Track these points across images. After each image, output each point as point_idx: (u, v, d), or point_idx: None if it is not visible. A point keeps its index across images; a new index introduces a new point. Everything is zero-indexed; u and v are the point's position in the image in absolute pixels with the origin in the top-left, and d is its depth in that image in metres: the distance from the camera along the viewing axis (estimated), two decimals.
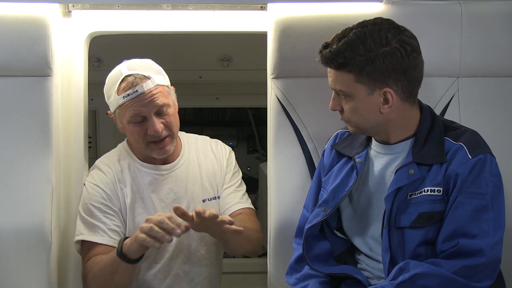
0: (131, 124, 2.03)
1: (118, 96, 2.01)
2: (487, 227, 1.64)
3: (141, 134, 2.04)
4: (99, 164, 2.18)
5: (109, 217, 2.08)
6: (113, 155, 2.20)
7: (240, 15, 2.23)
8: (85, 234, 2.07)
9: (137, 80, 1.99)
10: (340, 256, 1.88)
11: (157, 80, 2.03)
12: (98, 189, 2.10)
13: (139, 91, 1.99)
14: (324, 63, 1.73)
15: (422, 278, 1.60)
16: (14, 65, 2.06)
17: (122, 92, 2.00)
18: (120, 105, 2.02)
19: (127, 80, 2.00)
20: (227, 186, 2.21)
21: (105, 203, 2.09)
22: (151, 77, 2.01)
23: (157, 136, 2.03)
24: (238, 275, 2.95)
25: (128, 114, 2.01)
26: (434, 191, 1.69)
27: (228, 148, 2.28)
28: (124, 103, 2.00)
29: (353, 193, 1.84)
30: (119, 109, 2.04)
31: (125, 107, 2.01)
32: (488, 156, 1.69)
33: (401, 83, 1.70)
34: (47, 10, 2.06)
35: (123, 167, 2.15)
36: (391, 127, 1.76)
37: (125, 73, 2.01)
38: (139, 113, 2.00)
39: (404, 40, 1.68)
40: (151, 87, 2.00)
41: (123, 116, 2.04)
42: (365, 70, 1.67)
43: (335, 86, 1.74)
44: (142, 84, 1.99)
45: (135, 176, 2.14)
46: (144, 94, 1.99)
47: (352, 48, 1.66)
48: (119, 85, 2.01)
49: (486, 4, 2.13)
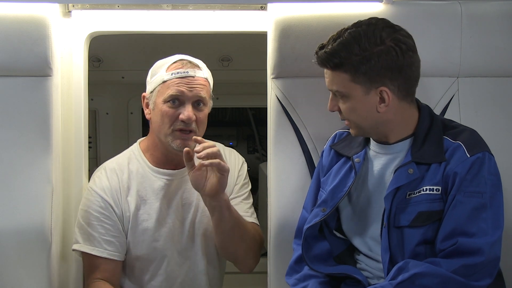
0: (166, 104, 2.01)
1: (166, 72, 2.02)
2: (485, 226, 1.64)
3: (172, 117, 2.01)
4: (106, 168, 2.14)
5: (106, 227, 2.06)
6: (123, 158, 2.16)
7: (240, 15, 2.23)
8: (81, 244, 2.06)
9: (191, 64, 2.03)
10: (340, 256, 1.88)
11: (207, 74, 2.07)
12: (97, 197, 2.08)
13: (189, 73, 2.01)
14: (320, 64, 1.74)
15: (422, 278, 1.60)
16: (14, 65, 2.06)
17: (173, 69, 2.01)
18: (165, 81, 2.01)
19: (182, 61, 2.04)
20: (234, 197, 2.17)
21: (103, 212, 2.06)
22: (203, 69, 2.05)
23: (187, 124, 2.00)
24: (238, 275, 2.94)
25: (168, 92, 2.00)
26: (433, 190, 1.70)
27: (241, 159, 2.25)
28: (171, 79, 2.01)
29: (352, 193, 1.84)
30: (160, 86, 2.02)
31: (169, 84, 2.01)
32: (487, 154, 1.69)
33: (397, 82, 1.70)
34: (47, 10, 2.06)
35: (130, 171, 2.12)
36: (389, 127, 1.77)
37: (181, 57, 2.05)
38: (181, 94, 2.00)
39: (399, 39, 1.68)
40: (200, 76, 2.03)
41: (162, 94, 2.01)
42: (360, 69, 1.67)
43: (331, 87, 1.75)
44: (194, 69, 2.02)
45: (142, 181, 2.11)
46: (193, 79, 2.01)
47: (347, 48, 1.67)
48: (171, 64, 2.03)
49: (486, 4, 2.13)
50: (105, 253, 2.05)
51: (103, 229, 2.06)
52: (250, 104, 3.67)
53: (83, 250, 2.06)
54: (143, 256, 2.10)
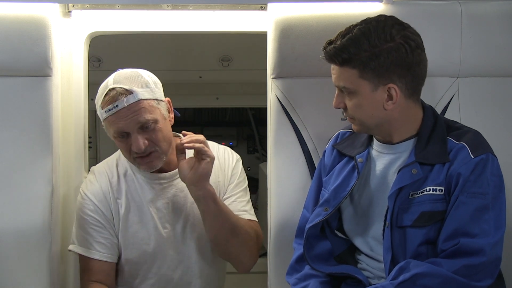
0: (117, 139, 1.98)
1: (102, 110, 1.95)
2: (488, 226, 1.64)
3: (126, 149, 1.98)
4: (95, 172, 2.13)
5: (97, 230, 2.05)
6: (112, 160, 2.15)
7: (240, 15, 2.23)
8: (76, 245, 2.06)
9: (117, 94, 1.91)
10: (341, 256, 1.88)
11: (140, 94, 1.92)
12: (88, 200, 2.06)
13: (119, 106, 1.91)
14: (328, 59, 1.73)
15: (423, 278, 1.60)
16: (14, 65, 2.06)
17: (105, 107, 1.94)
18: (104, 119, 1.97)
19: (110, 94, 1.92)
20: (228, 196, 2.13)
21: (93, 216, 2.05)
22: (134, 91, 1.91)
23: (141, 152, 1.96)
24: (238, 275, 2.94)
25: (111, 130, 1.96)
26: (436, 191, 1.69)
27: (235, 157, 2.20)
28: (107, 117, 1.94)
29: (354, 193, 1.84)
30: (104, 123, 1.98)
31: (108, 121, 1.95)
32: (490, 156, 1.69)
33: (405, 79, 1.70)
34: (47, 10, 2.06)
35: (120, 174, 2.11)
36: (394, 125, 1.76)
37: (110, 86, 1.94)
38: (121, 129, 1.94)
39: (408, 36, 1.68)
40: (131, 102, 1.92)
41: (109, 130, 1.98)
42: (369, 65, 1.67)
43: (338, 83, 1.74)
44: (123, 99, 1.90)
45: (131, 184, 2.09)
46: (125, 110, 1.91)
47: (357, 43, 1.66)
48: (103, 99, 1.94)
49: (486, 4, 2.13)
50: (97, 255, 2.04)
51: (95, 232, 2.05)
52: (250, 104, 3.67)
53: (76, 251, 2.06)
54: (133, 259, 2.09)
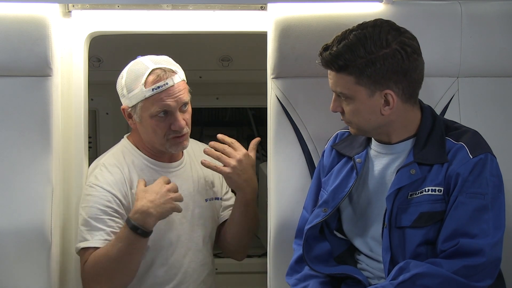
0: (154, 118, 2.02)
1: (145, 88, 1.99)
2: (487, 227, 1.64)
3: (164, 129, 2.04)
4: (106, 164, 2.13)
5: (115, 220, 2.06)
6: (118, 152, 2.17)
7: (240, 15, 2.23)
8: (90, 240, 2.03)
9: (167, 73, 2.00)
10: (340, 256, 1.88)
11: (183, 75, 2.06)
12: (104, 191, 2.07)
13: (169, 84, 2.00)
14: (324, 65, 1.73)
15: (423, 278, 1.60)
16: (14, 65, 2.06)
17: (151, 85, 1.99)
18: (147, 97, 2.00)
19: (156, 72, 2.00)
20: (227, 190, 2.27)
21: (112, 206, 2.06)
22: (178, 72, 2.04)
23: (180, 132, 2.04)
24: (238, 275, 2.95)
25: (154, 108, 2.00)
26: (434, 191, 1.69)
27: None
28: (153, 95, 1.99)
29: (353, 194, 1.84)
30: (143, 102, 2.01)
31: (152, 100, 2.00)
32: (489, 156, 1.69)
33: (401, 85, 1.70)
34: (47, 10, 2.06)
35: (129, 165, 2.13)
36: (392, 128, 1.76)
37: (152, 66, 2.01)
38: (167, 107, 2.00)
39: (404, 42, 1.68)
40: (178, 81, 2.02)
41: (147, 109, 2.01)
42: (365, 72, 1.67)
43: (335, 88, 1.74)
44: (171, 77, 2.01)
45: (141, 173, 2.12)
46: (174, 88, 2.00)
47: (353, 50, 1.66)
48: (147, 78, 2.00)
49: (486, 4, 2.13)
50: None
51: (113, 222, 2.05)
52: (250, 104, 3.66)
53: (93, 245, 2.03)
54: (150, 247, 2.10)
